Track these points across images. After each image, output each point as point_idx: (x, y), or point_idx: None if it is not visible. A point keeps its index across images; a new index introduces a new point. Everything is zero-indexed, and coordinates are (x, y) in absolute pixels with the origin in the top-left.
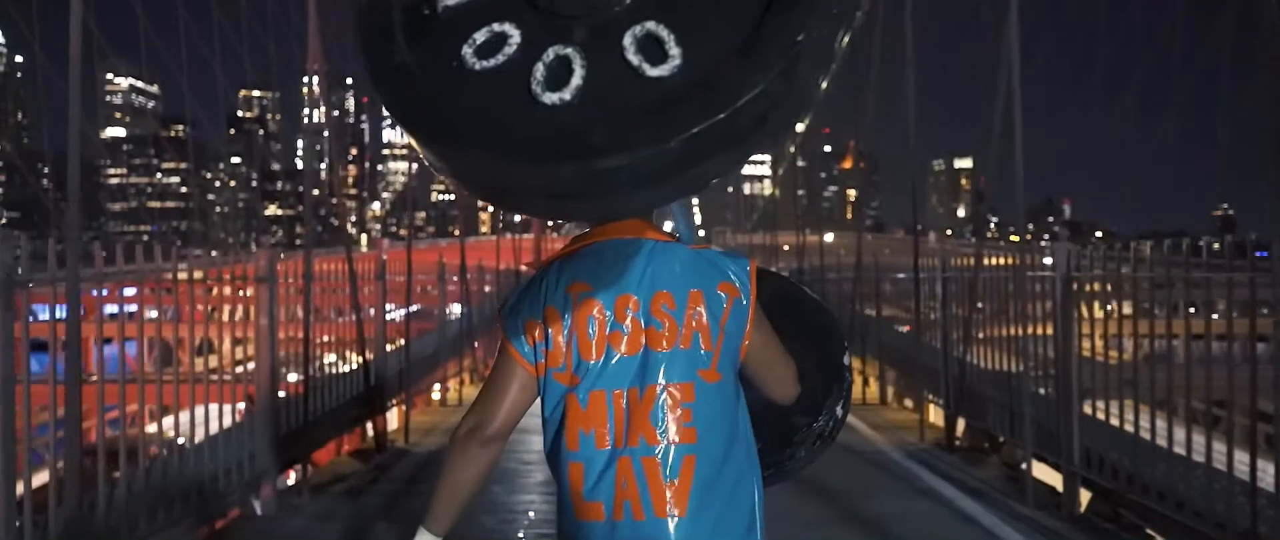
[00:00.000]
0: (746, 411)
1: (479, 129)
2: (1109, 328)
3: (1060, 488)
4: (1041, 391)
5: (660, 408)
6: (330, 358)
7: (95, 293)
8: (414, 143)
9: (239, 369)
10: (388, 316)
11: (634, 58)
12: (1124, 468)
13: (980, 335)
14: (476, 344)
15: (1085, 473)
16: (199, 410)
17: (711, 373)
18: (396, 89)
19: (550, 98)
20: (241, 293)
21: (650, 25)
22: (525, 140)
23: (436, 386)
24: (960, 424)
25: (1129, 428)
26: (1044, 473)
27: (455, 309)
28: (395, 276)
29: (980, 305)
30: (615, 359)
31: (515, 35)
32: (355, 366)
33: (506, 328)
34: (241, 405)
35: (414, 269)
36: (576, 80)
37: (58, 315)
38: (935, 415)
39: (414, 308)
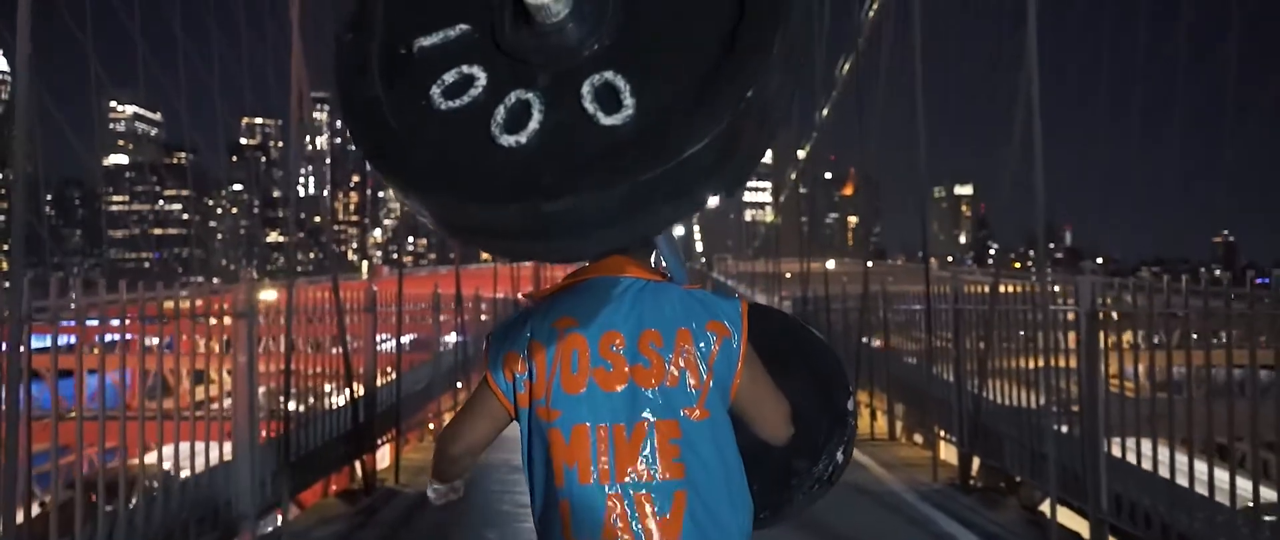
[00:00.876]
0: (736, 450)
1: (436, 168)
2: (1134, 360)
3: (1087, 535)
4: (1063, 430)
5: (650, 444)
6: (317, 393)
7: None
8: (380, 176)
9: (216, 406)
10: (383, 347)
11: (590, 105)
12: (1158, 516)
13: (995, 366)
14: (474, 375)
15: (1114, 521)
16: (178, 448)
17: (698, 410)
18: (365, 124)
19: (507, 140)
20: (224, 323)
21: (608, 75)
22: (478, 181)
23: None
24: (975, 462)
25: (1163, 472)
26: (1069, 518)
27: (453, 338)
28: (389, 306)
29: (994, 337)
30: (600, 394)
31: (482, 78)
32: (343, 402)
33: (488, 358)
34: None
35: (411, 298)
36: (533, 124)
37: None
38: (948, 452)
39: (411, 337)
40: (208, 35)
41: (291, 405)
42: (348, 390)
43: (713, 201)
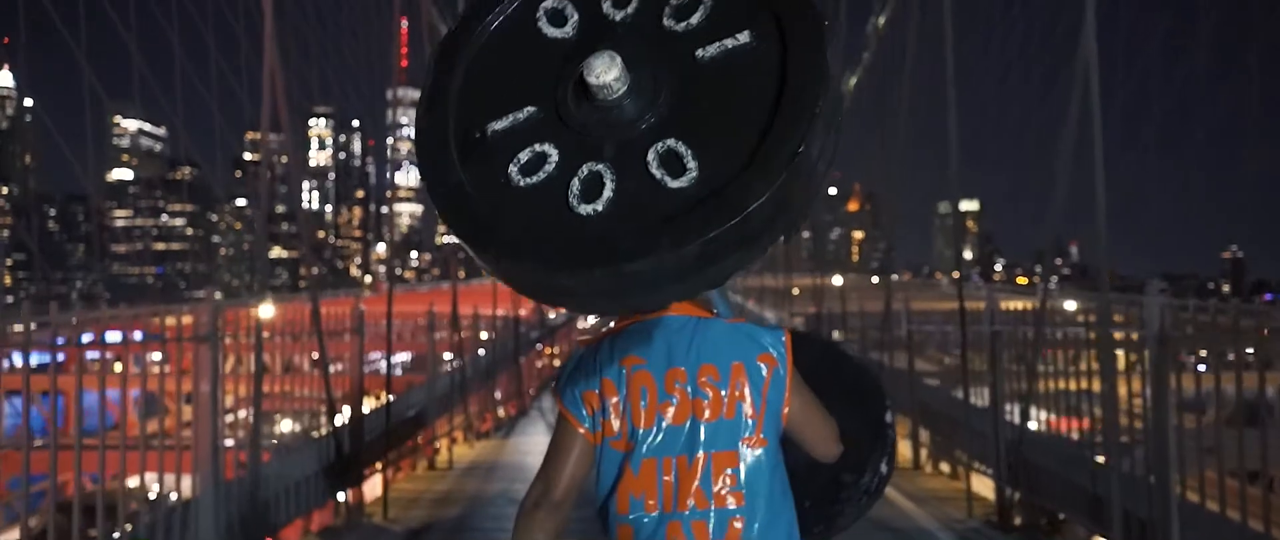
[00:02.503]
0: (786, 478)
1: (524, 241)
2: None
3: None
4: (1124, 465)
5: (707, 474)
6: (294, 421)
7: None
8: (470, 251)
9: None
10: (376, 369)
11: (657, 172)
12: None
13: (1039, 391)
14: (472, 398)
15: None
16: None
17: (756, 439)
18: (454, 205)
19: (585, 209)
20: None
21: (671, 142)
22: (563, 249)
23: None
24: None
25: (1255, 524)
26: None
27: (450, 358)
28: (381, 325)
29: (1040, 359)
30: (665, 428)
31: (554, 154)
32: (325, 431)
33: (564, 399)
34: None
35: (407, 316)
36: (608, 192)
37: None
38: (981, 484)
39: (406, 357)
40: (210, 51)
41: (266, 433)
42: (329, 417)
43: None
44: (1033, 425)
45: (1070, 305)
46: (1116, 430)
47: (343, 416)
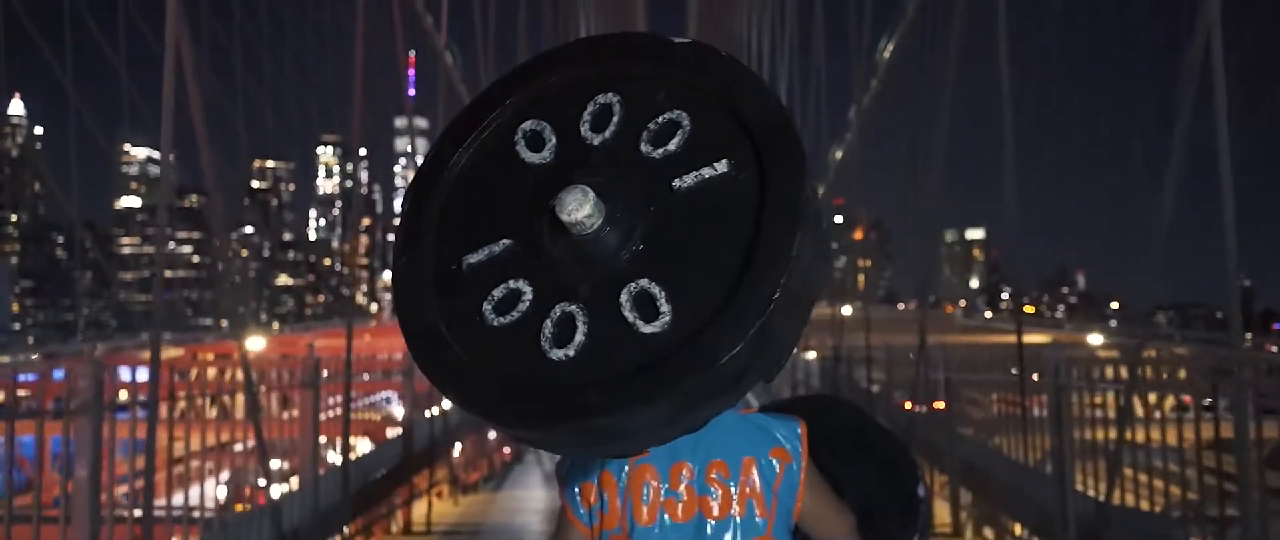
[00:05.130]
0: None
1: (494, 388)
2: None
3: None
4: None
5: None
6: (228, 488)
7: None
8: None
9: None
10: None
11: (630, 314)
12: None
13: (1118, 459)
14: (457, 449)
15: None
16: None
17: (767, 538)
18: (427, 348)
19: (557, 354)
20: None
21: (644, 282)
22: (532, 402)
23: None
24: None
25: None
26: None
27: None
28: (359, 374)
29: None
30: (669, 525)
31: (528, 292)
32: (262, 504)
33: (564, 490)
34: None
35: (383, 354)
36: (579, 337)
37: None
38: None
39: (383, 396)
40: (220, 78)
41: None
42: (266, 486)
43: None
44: (1116, 499)
45: (1095, 339)
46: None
47: (284, 485)
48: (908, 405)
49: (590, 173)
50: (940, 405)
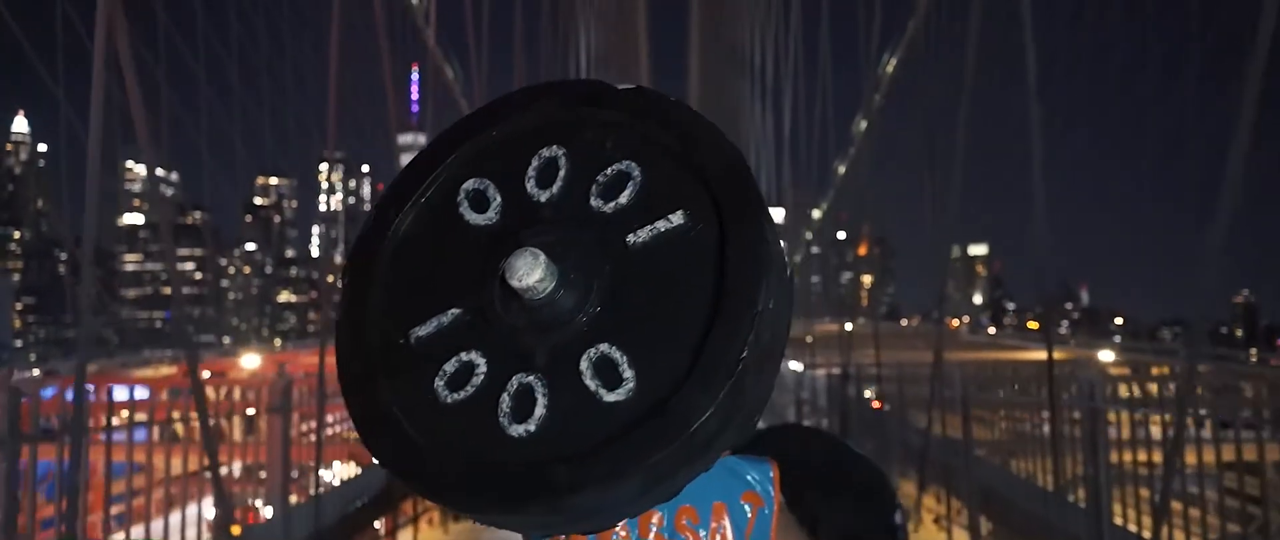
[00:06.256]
0: None
1: (452, 473)
2: None
3: None
4: None
5: None
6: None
7: None
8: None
9: None
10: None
11: (591, 383)
12: None
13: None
14: None
15: None
16: None
17: None
18: (379, 435)
19: (517, 430)
20: None
21: (604, 347)
22: (493, 483)
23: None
24: None
25: None
26: None
27: None
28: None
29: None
30: None
31: (482, 364)
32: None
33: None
34: None
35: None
36: (540, 410)
37: None
38: None
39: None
40: (219, 96)
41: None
42: (226, 521)
43: None
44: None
45: (1106, 356)
46: None
47: (266, 511)
48: (924, 424)
49: (539, 233)
50: (958, 425)
